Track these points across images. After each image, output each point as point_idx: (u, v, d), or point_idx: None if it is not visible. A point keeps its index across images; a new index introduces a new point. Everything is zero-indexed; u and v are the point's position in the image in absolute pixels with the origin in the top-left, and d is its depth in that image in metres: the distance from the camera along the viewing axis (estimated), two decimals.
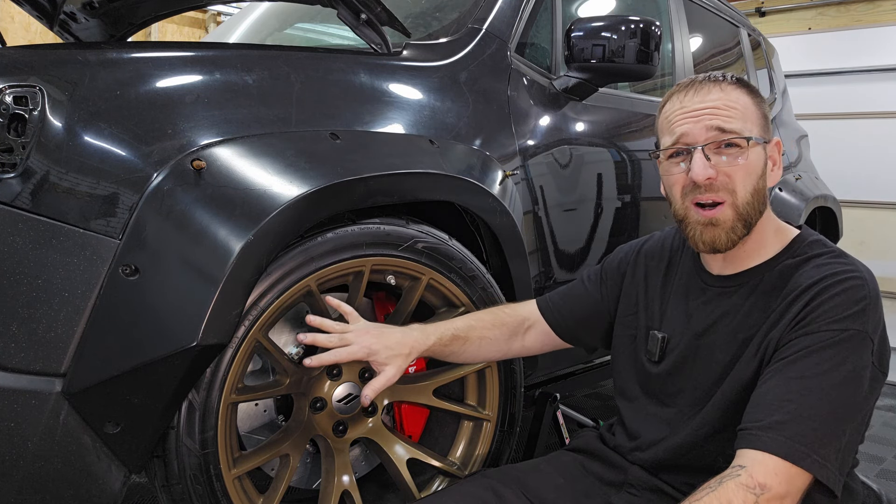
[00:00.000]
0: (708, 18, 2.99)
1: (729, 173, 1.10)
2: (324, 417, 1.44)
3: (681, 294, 1.26)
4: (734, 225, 1.11)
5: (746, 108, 1.13)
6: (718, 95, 1.12)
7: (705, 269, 1.23)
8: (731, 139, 1.10)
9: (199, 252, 1.13)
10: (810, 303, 1.05)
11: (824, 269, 1.08)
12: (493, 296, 1.58)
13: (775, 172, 1.17)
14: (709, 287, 1.21)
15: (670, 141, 1.15)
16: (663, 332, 1.25)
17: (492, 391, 1.62)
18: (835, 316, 1.03)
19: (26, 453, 1.06)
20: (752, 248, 1.16)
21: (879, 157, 4.44)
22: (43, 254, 1.06)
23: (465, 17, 1.83)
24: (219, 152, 1.18)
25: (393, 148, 1.42)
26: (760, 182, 1.12)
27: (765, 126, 1.15)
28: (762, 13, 4.97)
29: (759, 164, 1.12)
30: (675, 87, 1.20)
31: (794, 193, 3.16)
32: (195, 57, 1.30)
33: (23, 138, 1.07)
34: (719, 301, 1.18)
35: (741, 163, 1.10)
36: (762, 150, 1.13)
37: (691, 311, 1.22)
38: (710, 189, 1.10)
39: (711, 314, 1.18)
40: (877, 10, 4.56)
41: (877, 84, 4.49)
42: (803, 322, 1.05)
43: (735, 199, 1.10)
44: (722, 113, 1.11)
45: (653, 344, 1.26)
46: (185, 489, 1.22)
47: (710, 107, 1.11)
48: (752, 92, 1.16)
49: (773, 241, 1.16)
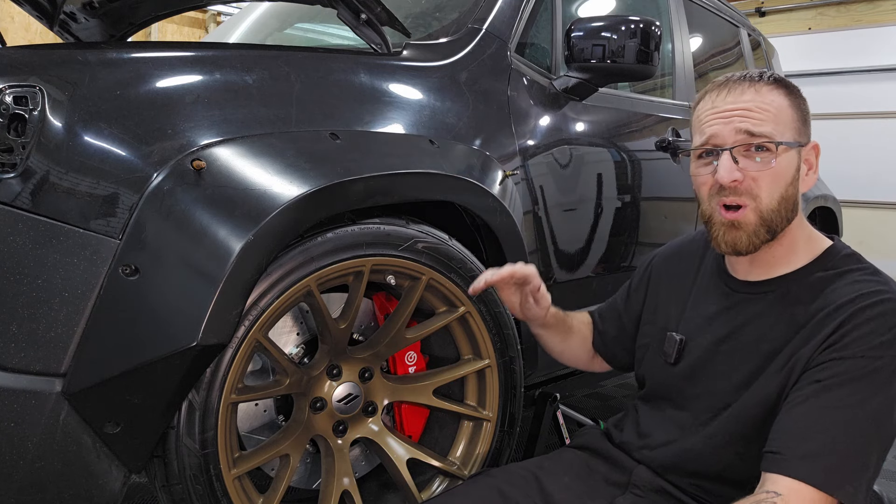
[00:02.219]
0: (708, 18, 2.99)
1: (756, 177, 1.08)
2: (324, 417, 1.44)
3: (702, 297, 1.24)
4: (757, 229, 1.09)
5: (780, 111, 1.09)
6: (752, 97, 1.10)
7: (730, 272, 1.21)
8: (760, 143, 1.08)
9: (200, 252, 1.13)
10: (844, 324, 1.02)
11: (858, 288, 1.05)
12: (493, 296, 1.58)
13: (810, 177, 1.14)
14: (733, 292, 1.19)
15: (700, 141, 1.14)
16: (681, 335, 1.23)
17: (492, 391, 1.62)
18: (870, 342, 1.00)
19: (26, 453, 1.06)
20: (782, 255, 1.14)
21: (879, 157, 4.45)
22: (43, 254, 1.06)
23: (465, 18, 1.83)
24: (219, 152, 1.18)
25: (393, 148, 1.42)
26: (790, 189, 1.09)
27: (800, 129, 1.11)
28: (762, 13, 4.97)
29: (789, 169, 1.09)
30: (710, 84, 1.17)
31: None
32: (195, 57, 1.30)
33: (23, 138, 1.07)
34: (743, 307, 1.16)
35: (769, 167, 1.07)
36: (795, 155, 1.10)
37: (713, 316, 1.20)
38: (735, 192, 1.09)
39: (734, 320, 1.16)
40: (877, 10, 4.56)
41: (877, 84, 4.50)
42: (837, 345, 1.02)
43: (759, 204, 1.08)
44: (753, 115, 1.08)
45: (669, 345, 1.24)
46: (185, 489, 1.22)
47: (742, 108, 1.09)
48: (790, 92, 1.12)
49: (804, 250, 1.14)
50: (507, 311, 1.62)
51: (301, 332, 1.51)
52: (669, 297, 1.31)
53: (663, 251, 1.41)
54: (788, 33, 4.79)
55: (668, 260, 1.37)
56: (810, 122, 1.14)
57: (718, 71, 3.09)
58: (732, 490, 1.14)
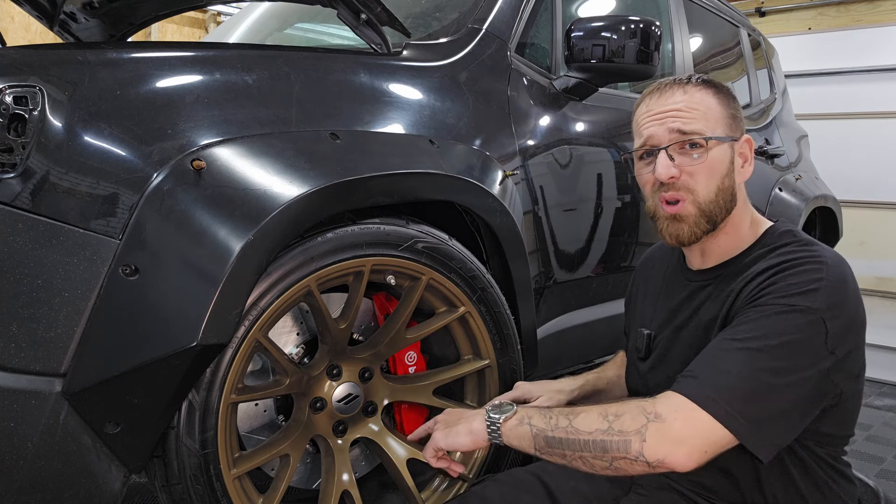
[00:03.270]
0: (708, 18, 2.99)
1: (691, 172, 1.16)
2: (324, 417, 1.44)
3: (667, 292, 1.31)
4: (697, 220, 1.17)
5: (709, 109, 1.17)
6: (681, 98, 1.18)
7: (687, 266, 1.28)
8: (691, 140, 1.15)
9: (200, 252, 1.13)
10: (765, 282, 1.08)
11: (786, 255, 1.11)
12: (494, 296, 1.58)
13: (746, 168, 1.21)
14: (690, 282, 1.26)
15: (639, 143, 1.22)
16: (650, 329, 1.30)
17: (492, 391, 1.61)
18: (784, 293, 1.05)
19: (26, 453, 1.06)
20: (728, 242, 1.20)
21: (879, 157, 4.44)
22: (43, 254, 1.06)
23: (465, 18, 1.83)
24: (219, 152, 1.18)
25: (393, 148, 1.42)
26: (726, 180, 1.17)
27: (731, 125, 1.19)
28: (762, 13, 4.97)
29: (722, 162, 1.16)
30: (645, 90, 1.25)
31: (794, 193, 3.16)
32: (195, 57, 1.30)
33: (23, 138, 1.07)
34: (697, 294, 1.23)
35: (703, 162, 1.15)
36: (727, 149, 1.17)
37: (675, 307, 1.26)
38: (674, 187, 1.17)
39: (690, 307, 1.23)
40: (877, 10, 4.56)
41: (877, 84, 4.49)
42: (755, 297, 1.08)
43: (697, 197, 1.16)
44: (683, 115, 1.16)
45: (640, 340, 1.31)
46: (185, 489, 1.22)
47: (673, 109, 1.17)
48: (718, 92, 1.19)
49: (748, 235, 1.21)
50: (507, 310, 1.62)
51: (301, 332, 1.51)
52: (645, 298, 1.37)
53: (646, 257, 1.48)
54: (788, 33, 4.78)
55: (644, 265, 1.45)
56: (742, 118, 1.21)
57: (719, 71, 3.09)
58: (726, 479, 1.14)
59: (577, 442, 1.05)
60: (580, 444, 1.05)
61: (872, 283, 4.36)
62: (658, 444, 1.00)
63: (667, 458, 0.99)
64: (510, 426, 1.15)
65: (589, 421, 1.05)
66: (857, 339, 1.08)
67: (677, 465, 0.99)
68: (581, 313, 2.06)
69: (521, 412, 1.16)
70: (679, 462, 0.99)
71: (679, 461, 0.99)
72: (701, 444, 0.99)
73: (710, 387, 1.01)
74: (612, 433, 1.02)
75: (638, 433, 1.01)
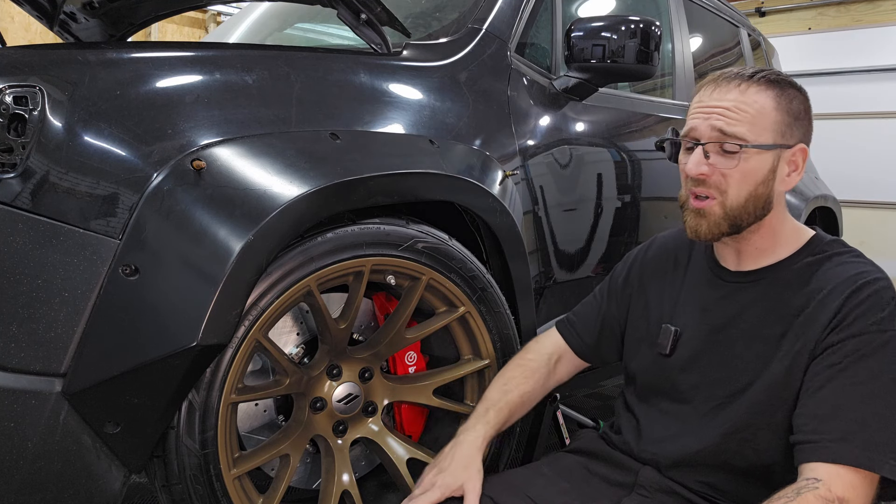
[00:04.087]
0: (708, 18, 2.99)
1: (725, 174, 1.12)
2: (324, 417, 1.44)
3: (694, 288, 1.26)
4: (719, 221, 1.14)
5: (761, 113, 1.12)
6: (735, 96, 1.13)
7: (721, 264, 1.24)
8: (730, 143, 1.11)
9: (199, 252, 1.13)
10: (844, 305, 1.07)
11: (848, 269, 1.10)
12: (494, 296, 1.58)
13: (792, 177, 1.15)
14: (725, 283, 1.21)
15: (685, 131, 1.18)
16: (675, 326, 1.25)
17: None
18: (872, 318, 1.05)
19: (26, 453, 1.06)
20: (766, 247, 1.18)
21: (879, 157, 4.44)
22: (43, 254, 1.06)
23: (465, 18, 1.83)
24: (219, 152, 1.18)
25: (393, 148, 1.42)
26: (761, 188, 1.13)
27: (785, 131, 1.13)
28: (762, 13, 4.97)
29: (760, 169, 1.12)
30: (709, 76, 1.21)
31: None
32: (195, 57, 1.30)
33: (23, 138, 1.07)
34: (738, 296, 1.19)
35: (738, 166, 1.12)
36: (770, 156, 1.13)
37: (707, 306, 1.22)
38: (704, 184, 1.14)
39: (729, 309, 1.19)
40: (877, 10, 4.56)
41: (877, 84, 4.49)
42: (842, 325, 1.06)
43: (725, 199, 1.13)
44: (730, 115, 1.12)
45: (664, 337, 1.25)
46: (185, 489, 1.22)
47: (722, 107, 1.13)
48: (781, 94, 1.13)
49: (790, 241, 1.18)
50: (507, 310, 1.62)
51: (301, 332, 1.51)
52: (661, 291, 1.32)
53: (646, 248, 1.42)
54: (788, 33, 4.79)
55: (655, 255, 1.38)
56: (806, 122, 1.16)
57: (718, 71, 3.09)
58: (739, 483, 1.14)
59: None
60: None
61: None
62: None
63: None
64: None
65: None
66: None
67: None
68: None
69: None
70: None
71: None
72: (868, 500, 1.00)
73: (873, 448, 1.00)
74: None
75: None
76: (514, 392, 1.35)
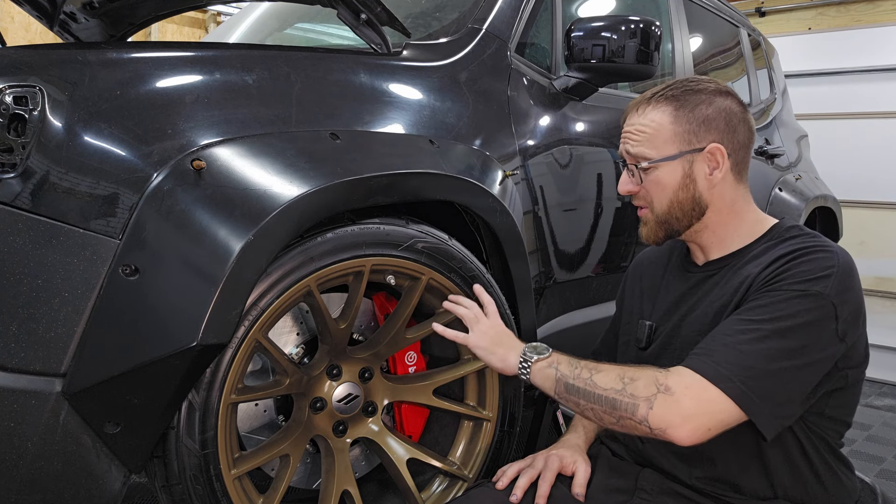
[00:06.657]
0: (708, 18, 2.99)
1: (646, 188, 1.25)
2: (324, 417, 1.44)
3: (669, 285, 1.33)
4: (655, 227, 1.26)
5: (659, 130, 1.22)
6: (636, 119, 1.25)
7: (692, 261, 1.31)
8: (638, 162, 1.24)
9: (200, 252, 1.13)
10: (780, 268, 1.11)
11: (798, 244, 1.14)
12: (493, 296, 1.57)
13: (715, 175, 1.21)
14: (692, 274, 1.28)
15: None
16: (651, 321, 1.31)
17: (492, 391, 1.61)
18: (798, 278, 1.08)
19: (26, 453, 1.06)
20: (724, 239, 1.24)
21: (879, 157, 4.44)
22: (43, 254, 1.06)
23: (465, 17, 1.83)
24: (219, 152, 1.18)
25: (393, 148, 1.42)
26: (681, 193, 1.22)
27: (688, 139, 1.21)
28: (762, 13, 4.97)
29: (672, 178, 1.21)
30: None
31: (793, 193, 3.16)
32: (195, 57, 1.30)
33: (23, 138, 1.07)
34: (702, 284, 1.25)
35: (651, 180, 1.23)
36: (678, 164, 1.21)
37: (678, 298, 1.28)
38: (636, 197, 1.28)
39: (695, 297, 1.25)
40: (877, 10, 4.55)
41: (877, 84, 4.49)
42: (769, 282, 1.11)
43: (653, 208, 1.25)
44: (633, 137, 1.25)
45: (640, 331, 1.32)
46: (185, 489, 1.22)
47: (628, 131, 1.26)
48: (678, 106, 1.21)
49: (752, 231, 1.23)
50: (507, 310, 1.62)
51: (301, 332, 1.51)
52: (643, 294, 1.39)
53: (639, 258, 1.49)
54: (788, 33, 4.78)
55: (637, 265, 1.47)
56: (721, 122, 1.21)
57: (718, 71, 3.09)
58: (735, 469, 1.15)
59: (593, 395, 1.12)
60: (594, 397, 1.12)
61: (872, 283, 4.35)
62: (663, 415, 1.04)
63: (668, 430, 1.04)
64: (539, 367, 1.22)
65: (607, 379, 1.12)
66: (863, 329, 1.12)
67: (678, 438, 1.04)
68: (581, 313, 2.06)
69: (553, 357, 1.22)
70: (680, 437, 1.04)
71: (680, 436, 1.04)
72: (706, 422, 1.03)
73: (725, 364, 1.04)
74: (625, 395, 1.08)
75: (647, 400, 1.06)
76: None
